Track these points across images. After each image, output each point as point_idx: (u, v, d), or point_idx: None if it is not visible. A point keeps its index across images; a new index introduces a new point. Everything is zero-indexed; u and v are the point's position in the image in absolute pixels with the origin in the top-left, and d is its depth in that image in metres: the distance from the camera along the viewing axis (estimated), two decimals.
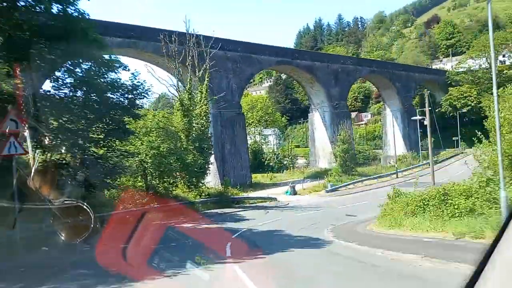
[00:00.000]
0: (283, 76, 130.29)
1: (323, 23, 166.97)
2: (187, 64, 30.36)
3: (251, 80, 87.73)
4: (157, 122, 22.29)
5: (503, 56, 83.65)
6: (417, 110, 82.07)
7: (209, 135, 31.12)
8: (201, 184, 28.40)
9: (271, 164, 69.33)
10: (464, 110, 73.37)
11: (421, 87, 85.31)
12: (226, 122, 44.81)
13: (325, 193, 35.84)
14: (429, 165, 55.57)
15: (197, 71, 30.86)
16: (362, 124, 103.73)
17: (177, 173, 24.39)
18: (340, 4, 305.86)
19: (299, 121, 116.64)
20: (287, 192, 37.15)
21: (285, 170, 63.98)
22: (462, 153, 68.93)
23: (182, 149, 23.97)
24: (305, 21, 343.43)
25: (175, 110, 27.54)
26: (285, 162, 68.79)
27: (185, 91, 28.33)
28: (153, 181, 23.58)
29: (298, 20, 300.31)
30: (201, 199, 27.38)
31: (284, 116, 75.08)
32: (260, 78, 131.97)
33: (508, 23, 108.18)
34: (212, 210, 26.73)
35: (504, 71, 79.69)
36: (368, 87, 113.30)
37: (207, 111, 28.82)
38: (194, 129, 27.78)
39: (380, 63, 73.75)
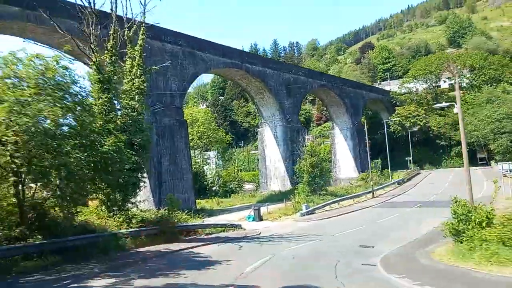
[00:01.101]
0: (221, 98, 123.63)
1: (258, 48, 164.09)
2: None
3: (185, 101, 78.13)
4: (34, 66, 11.89)
5: (444, 81, 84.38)
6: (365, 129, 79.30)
7: (148, 125, 21.14)
8: (130, 205, 18.30)
9: (214, 188, 59.88)
10: (415, 129, 70.84)
11: (368, 106, 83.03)
12: (164, 131, 35.06)
13: (300, 217, 27.48)
14: (398, 184, 50.49)
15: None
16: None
17: (84, 176, 13.71)
18: (275, 32, 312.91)
19: (240, 144, 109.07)
20: (249, 218, 28.14)
21: (232, 195, 54.85)
22: (419, 173, 65.52)
23: (96, 130, 13.70)
24: (240, 46, 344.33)
25: (92, 83, 17.24)
26: (231, 186, 59.72)
27: (107, 52, 18.44)
28: (31, 192, 13.14)
29: (234, 45, 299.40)
30: (131, 230, 17.31)
31: (229, 133, 66.43)
32: (195, 102, 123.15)
33: (437, 49, 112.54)
34: (150, 248, 16.72)
35: (445, 93, 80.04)
36: (308, 109, 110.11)
37: (142, 87, 18.78)
38: (120, 114, 17.93)
39: (330, 77, 69.16)
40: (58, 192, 12.86)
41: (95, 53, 18.16)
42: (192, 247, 17.14)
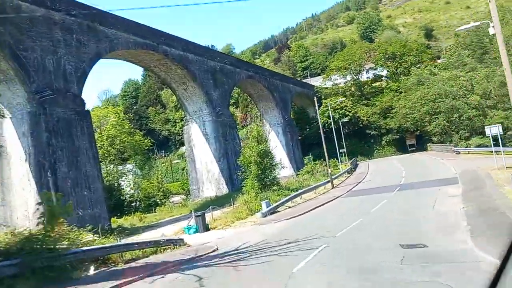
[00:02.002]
0: (134, 107, 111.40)
1: None
2: None
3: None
4: None
5: (367, 71, 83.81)
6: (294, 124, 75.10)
7: None
8: None
9: (134, 203, 49.91)
10: (345, 119, 68.22)
11: (294, 102, 79.23)
12: (57, 126, 25.45)
13: (262, 218, 20.30)
14: (348, 174, 45.87)
15: None
16: None
17: None
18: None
19: (161, 153, 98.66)
20: (189, 229, 20.22)
21: (157, 208, 45.73)
22: (358, 164, 62.52)
23: None
24: None
25: None
26: (154, 199, 50.26)
27: None
28: None
29: None
30: None
31: (148, 138, 56.52)
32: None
33: (351, 43, 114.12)
34: None
35: (373, 84, 79.35)
36: (232, 111, 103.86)
37: None
38: None
39: (258, 68, 63.52)
40: None
41: None
42: None
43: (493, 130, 22.49)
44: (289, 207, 23.72)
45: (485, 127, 24.71)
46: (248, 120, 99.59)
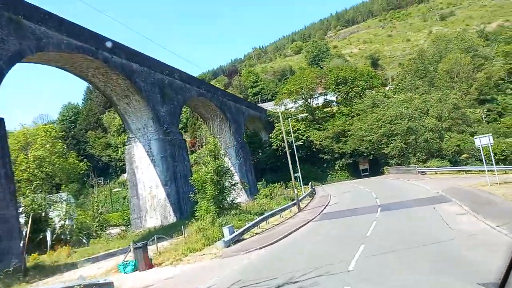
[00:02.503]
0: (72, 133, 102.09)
1: None
2: None
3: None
4: None
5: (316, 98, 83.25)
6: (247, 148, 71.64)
7: None
8: None
9: (63, 237, 42.71)
10: (299, 143, 65.99)
11: (246, 125, 76.21)
12: None
13: (226, 249, 15.88)
14: (310, 197, 42.44)
15: None
16: None
17: None
18: None
19: (99, 181, 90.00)
20: (124, 267, 15.38)
21: (90, 241, 39.24)
22: (314, 188, 59.75)
23: None
24: None
25: None
26: (89, 232, 43.48)
27: None
28: None
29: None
30: None
31: (84, 162, 49.71)
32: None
33: (298, 70, 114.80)
34: None
35: (324, 109, 78.63)
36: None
37: None
38: None
39: (211, 86, 59.90)
40: None
41: None
42: None
43: (483, 140, 20.39)
44: (256, 233, 19.57)
45: (474, 137, 22.70)
46: (197, 146, 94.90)
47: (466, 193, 19.22)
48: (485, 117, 60.77)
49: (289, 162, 33.86)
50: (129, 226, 46.52)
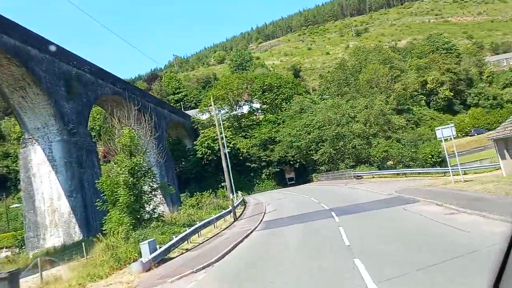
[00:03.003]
0: None
1: None
2: None
3: None
4: None
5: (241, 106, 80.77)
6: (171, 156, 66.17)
7: None
8: None
9: None
10: (227, 150, 62.45)
11: (168, 132, 70.72)
12: None
13: (143, 274, 11.38)
14: (242, 206, 38.59)
15: None
16: None
17: None
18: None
19: None
20: None
21: None
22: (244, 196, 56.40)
23: None
24: None
25: None
26: None
27: None
28: None
29: None
30: None
31: None
32: None
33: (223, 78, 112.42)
34: None
35: (250, 117, 76.24)
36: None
37: None
38: None
39: (128, 84, 53.71)
40: None
41: None
42: None
43: (446, 132, 18.83)
44: (187, 249, 15.28)
45: (436, 128, 21.10)
46: (111, 156, 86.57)
47: (433, 193, 17.25)
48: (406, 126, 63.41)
49: (224, 166, 30.08)
50: (23, 247, 38.52)
